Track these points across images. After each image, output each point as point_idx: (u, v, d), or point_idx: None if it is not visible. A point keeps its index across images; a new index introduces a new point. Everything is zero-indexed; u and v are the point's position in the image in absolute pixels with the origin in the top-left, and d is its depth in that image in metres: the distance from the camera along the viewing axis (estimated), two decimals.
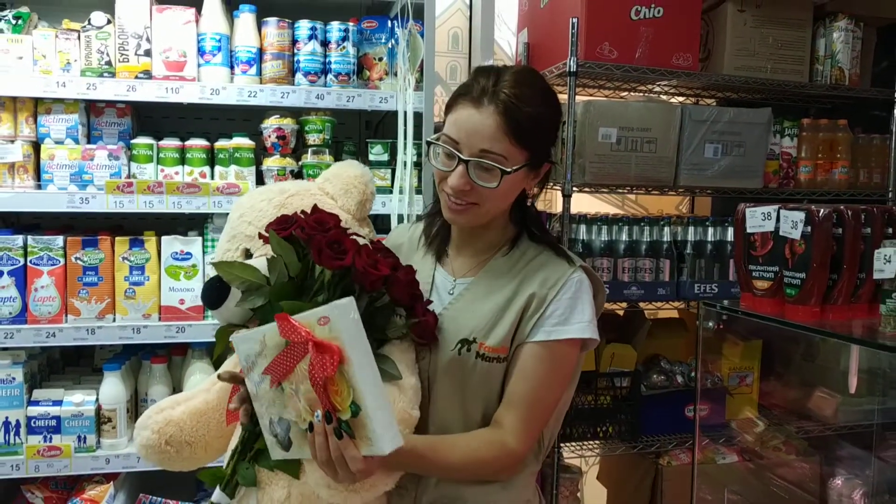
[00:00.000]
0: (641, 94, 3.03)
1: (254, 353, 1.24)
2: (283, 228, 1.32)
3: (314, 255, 1.26)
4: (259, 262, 1.38)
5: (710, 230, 2.75)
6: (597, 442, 2.79)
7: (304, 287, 1.31)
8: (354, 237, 1.33)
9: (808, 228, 1.66)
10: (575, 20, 2.46)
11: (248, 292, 1.33)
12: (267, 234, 1.34)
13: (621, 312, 3.05)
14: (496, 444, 1.38)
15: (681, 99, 3.14)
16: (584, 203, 3.31)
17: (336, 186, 1.57)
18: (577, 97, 2.55)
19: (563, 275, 1.43)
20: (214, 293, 1.36)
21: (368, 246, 1.34)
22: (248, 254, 1.50)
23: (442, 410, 1.43)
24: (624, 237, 2.69)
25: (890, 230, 1.69)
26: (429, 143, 1.44)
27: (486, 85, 1.35)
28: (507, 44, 3.29)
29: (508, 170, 1.35)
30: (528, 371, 1.40)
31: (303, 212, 1.37)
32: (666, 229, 2.72)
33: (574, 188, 2.54)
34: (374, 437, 1.12)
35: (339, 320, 1.11)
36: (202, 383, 1.62)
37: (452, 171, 1.36)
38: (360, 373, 1.11)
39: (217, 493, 1.36)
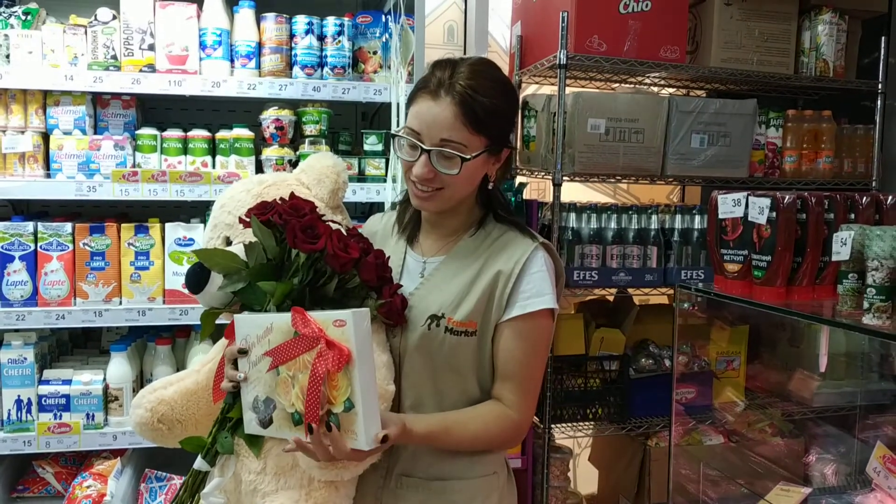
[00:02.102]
0: (631, 85, 3.10)
1: (254, 336, 1.34)
2: (263, 214, 1.40)
3: (289, 239, 1.34)
4: (237, 248, 1.46)
5: (697, 218, 2.81)
6: (587, 423, 2.87)
7: (282, 269, 1.39)
8: (329, 223, 1.41)
9: (774, 214, 1.74)
10: (565, 14, 2.53)
11: (229, 276, 1.42)
12: (247, 220, 1.42)
13: (611, 298, 3.13)
14: (502, 419, 1.48)
15: (670, 91, 3.21)
16: (577, 192, 3.39)
17: (311, 177, 1.64)
18: (568, 89, 2.62)
19: (526, 251, 1.50)
20: (196, 278, 1.44)
21: (341, 231, 1.42)
22: (228, 241, 1.58)
23: (415, 385, 1.51)
24: (613, 225, 2.75)
25: (852, 216, 1.77)
26: (393, 136, 1.52)
27: (443, 77, 1.42)
28: (502, 36, 3.36)
29: (468, 157, 1.42)
30: (512, 346, 1.48)
31: (281, 199, 1.45)
32: (654, 217, 2.79)
33: (564, 177, 2.62)
34: (359, 433, 1.25)
35: (353, 326, 1.23)
36: (193, 365, 1.70)
37: (416, 161, 1.44)
38: (361, 375, 1.23)
39: (199, 461, 1.44)
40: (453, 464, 1.50)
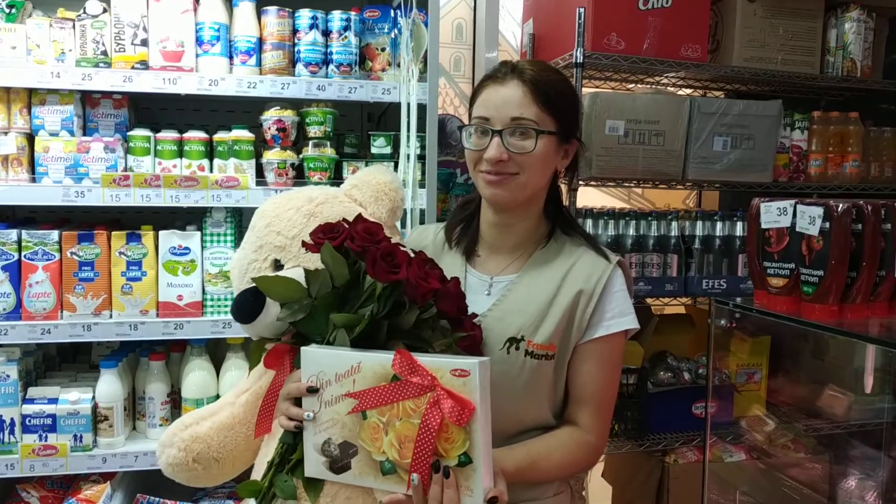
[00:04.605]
0: (649, 86, 2.99)
1: (331, 373, 1.23)
2: (331, 238, 1.27)
3: (368, 268, 1.22)
4: (294, 273, 1.35)
5: (719, 225, 2.70)
6: None
7: (347, 298, 1.28)
8: (403, 248, 1.29)
9: (827, 224, 1.61)
10: (582, 10, 2.42)
11: (289, 305, 1.30)
12: (311, 243, 1.30)
13: None
14: (584, 445, 1.44)
15: (689, 91, 3.10)
16: (590, 197, 3.28)
17: (366, 194, 1.54)
18: (584, 89, 2.51)
19: (606, 269, 1.46)
20: (249, 308, 1.34)
21: (421, 258, 1.31)
22: (276, 264, 1.47)
23: (494, 412, 1.40)
24: (631, 232, 2.65)
25: None
26: (460, 128, 1.52)
27: (507, 69, 1.43)
28: (512, 34, 3.22)
29: (542, 129, 1.39)
30: (592, 368, 1.44)
31: (345, 220, 1.33)
32: (674, 224, 2.68)
33: (580, 182, 2.51)
34: (475, 489, 1.16)
35: (478, 377, 1.14)
36: (224, 396, 1.57)
37: (488, 146, 1.40)
38: (482, 429, 1.15)
39: None
40: (530, 487, 1.42)
